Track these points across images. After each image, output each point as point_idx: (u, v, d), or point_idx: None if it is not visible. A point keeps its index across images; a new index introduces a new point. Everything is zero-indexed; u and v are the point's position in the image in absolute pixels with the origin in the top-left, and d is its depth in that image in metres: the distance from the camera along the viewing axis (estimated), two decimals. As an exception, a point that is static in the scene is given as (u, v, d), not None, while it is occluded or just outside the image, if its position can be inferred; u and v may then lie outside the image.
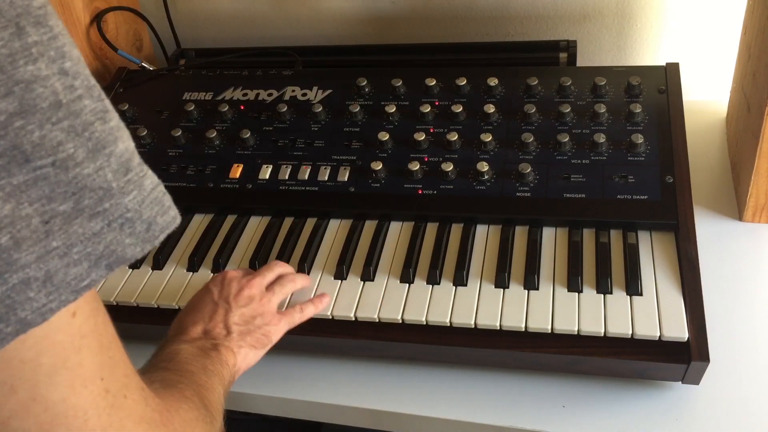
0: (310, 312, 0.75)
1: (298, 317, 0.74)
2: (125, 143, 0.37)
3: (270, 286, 0.74)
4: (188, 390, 0.55)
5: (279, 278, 0.76)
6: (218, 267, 0.83)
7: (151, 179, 0.38)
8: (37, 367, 0.34)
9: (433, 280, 0.77)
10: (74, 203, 0.34)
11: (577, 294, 0.73)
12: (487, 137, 0.86)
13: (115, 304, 0.82)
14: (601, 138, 0.83)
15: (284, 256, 0.82)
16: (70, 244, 0.34)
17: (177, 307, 0.79)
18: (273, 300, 0.73)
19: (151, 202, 0.38)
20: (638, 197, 0.78)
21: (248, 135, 0.93)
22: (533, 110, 0.88)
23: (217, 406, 0.58)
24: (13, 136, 0.32)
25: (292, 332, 0.73)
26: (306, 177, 0.88)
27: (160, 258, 0.84)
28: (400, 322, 0.74)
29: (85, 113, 0.35)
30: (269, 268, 0.76)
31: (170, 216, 0.39)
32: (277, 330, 0.71)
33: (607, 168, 0.82)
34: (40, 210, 0.33)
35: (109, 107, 0.36)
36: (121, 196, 0.36)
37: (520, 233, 0.80)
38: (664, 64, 0.92)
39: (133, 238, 0.37)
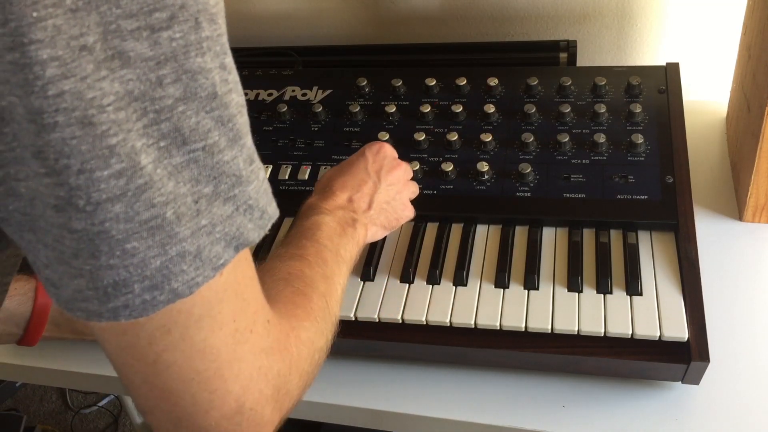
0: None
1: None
2: (250, 137, 0.40)
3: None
4: (316, 292, 0.57)
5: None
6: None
7: (263, 171, 0.41)
8: (189, 315, 0.38)
9: (433, 280, 0.77)
10: (214, 186, 0.37)
11: (577, 294, 0.73)
12: (487, 137, 0.86)
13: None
14: (601, 138, 0.83)
15: (284, 256, 0.82)
16: (214, 223, 0.37)
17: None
18: (413, 189, 0.78)
19: (264, 192, 0.41)
20: (638, 197, 0.78)
21: (248, 135, 0.93)
22: (533, 110, 0.88)
23: (338, 297, 0.62)
24: (176, 119, 0.35)
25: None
26: (306, 177, 0.88)
27: (160, 258, 0.84)
28: (400, 322, 0.74)
29: (232, 106, 0.38)
30: (409, 167, 0.79)
31: (274, 207, 0.43)
32: (406, 217, 0.76)
33: (607, 168, 0.82)
34: (191, 190, 0.36)
35: (245, 103, 0.40)
36: (247, 183, 0.39)
37: (520, 233, 0.80)
38: (664, 64, 0.92)
39: (252, 224, 0.40)
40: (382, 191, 0.72)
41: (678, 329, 0.68)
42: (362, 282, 0.78)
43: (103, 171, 0.33)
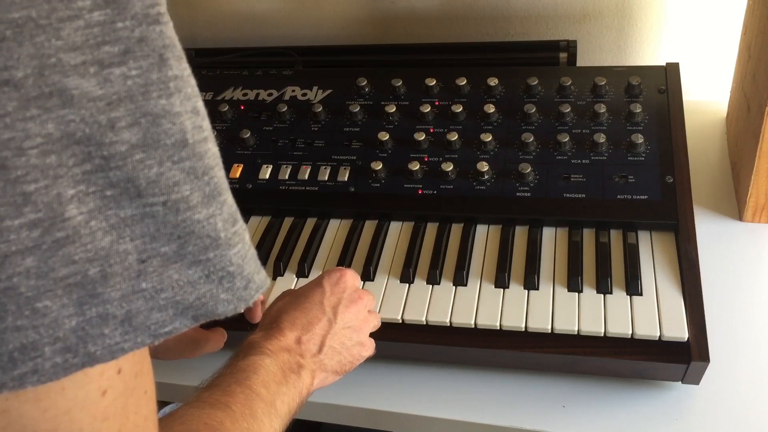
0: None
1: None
2: (230, 193, 0.36)
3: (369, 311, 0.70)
4: None
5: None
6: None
7: (248, 234, 0.37)
8: None
9: (433, 280, 0.77)
10: (178, 247, 0.33)
11: (577, 294, 0.73)
12: (487, 137, 0.86)
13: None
14: (601, 138, 0.83)
15: (284, 256, 0.82)
16: (161, 288, 0.33)
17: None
18: (373, 324, 0.69)
19: (251, 258, 0.37)
20: (638, 197, 0.78)
21: (248, 135, 0.93)
22: (533, 110, 0.88)
23: None
24: (130, 168, 0.31)
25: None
26: (306, 177, 0.88)
27: (160, 258, 0.84)
28: (400, 322, 0.74)
29: (208, 157, 0.34)
30: (373, 296, 0.71)
31: (263, 276, 0.38)
32: (363, 357, 0.67)
33: (607, 168, 0.82)
34: (140, 248, 0.32)
35: (220, 155, 0.35)
36: (227, 247, 0.35)
37: (520, 233, 0.80)
38: (664, 64, 0.92)
39: (229, 294, 0.36)
40: (337, 332, 0.64)
41: (678, 329, 0.68)
42: (362, 282, 0.78)
43: (14, 220, 0.29)
